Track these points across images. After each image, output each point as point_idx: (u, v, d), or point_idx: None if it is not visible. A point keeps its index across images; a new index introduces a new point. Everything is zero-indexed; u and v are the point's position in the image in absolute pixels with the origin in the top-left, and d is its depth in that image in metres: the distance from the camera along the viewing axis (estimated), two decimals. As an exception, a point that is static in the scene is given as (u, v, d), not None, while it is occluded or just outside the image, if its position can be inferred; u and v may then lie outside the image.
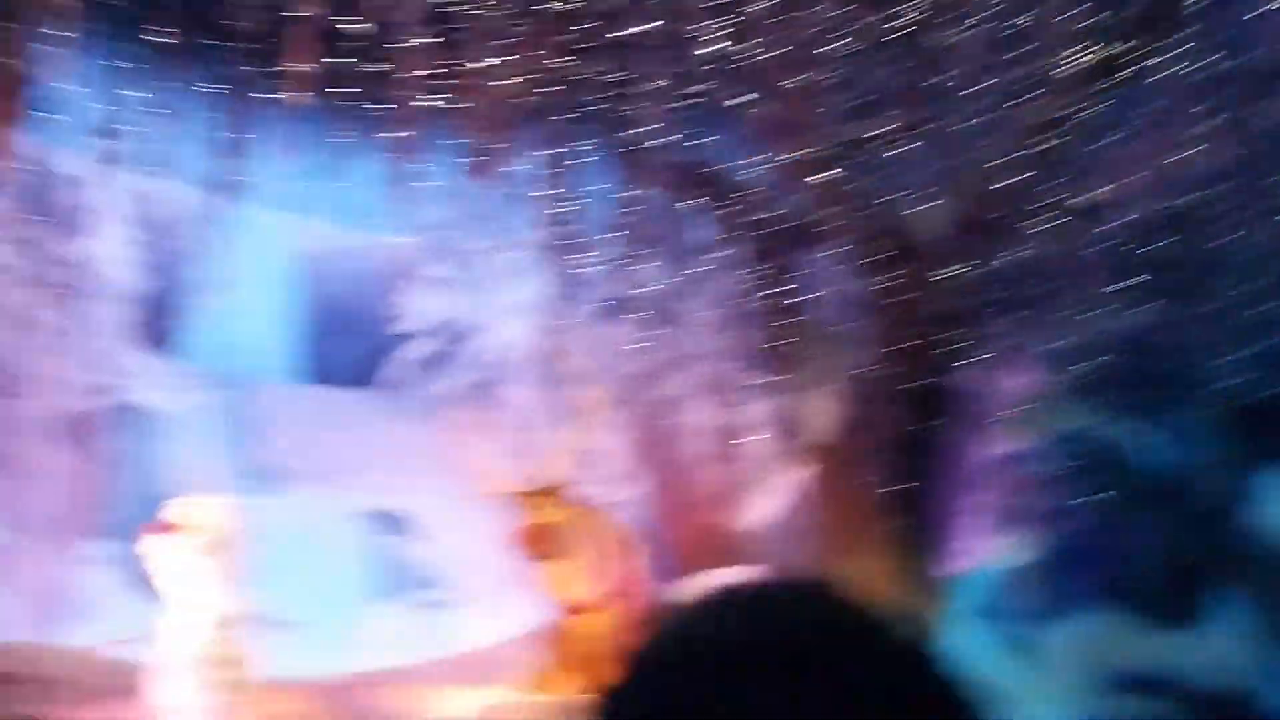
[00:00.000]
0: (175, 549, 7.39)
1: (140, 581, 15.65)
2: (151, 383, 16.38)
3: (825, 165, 10.42)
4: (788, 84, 8.43)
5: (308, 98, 6.16)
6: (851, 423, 13.04)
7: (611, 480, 18.52)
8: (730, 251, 13.02)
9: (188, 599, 7.30)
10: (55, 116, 11.15)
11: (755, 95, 8.23)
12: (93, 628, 14.16)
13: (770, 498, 14.96)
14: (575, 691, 9.17)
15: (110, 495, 14.76)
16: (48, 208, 15.96)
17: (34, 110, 8.90)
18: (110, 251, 16.42)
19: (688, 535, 15.84)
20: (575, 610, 9.83)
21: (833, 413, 13.18)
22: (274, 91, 9.07)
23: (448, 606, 17.28)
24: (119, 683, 9.19)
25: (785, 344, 12.90)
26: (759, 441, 15.51)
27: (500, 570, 17.21)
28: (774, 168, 10.56)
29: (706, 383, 17.10)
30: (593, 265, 19.83)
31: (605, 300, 19.44)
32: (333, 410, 17.73)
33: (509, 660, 11.88)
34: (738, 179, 12.04)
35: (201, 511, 7.69)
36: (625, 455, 18.74)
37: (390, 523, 17.59)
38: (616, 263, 17.87)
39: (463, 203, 13.44)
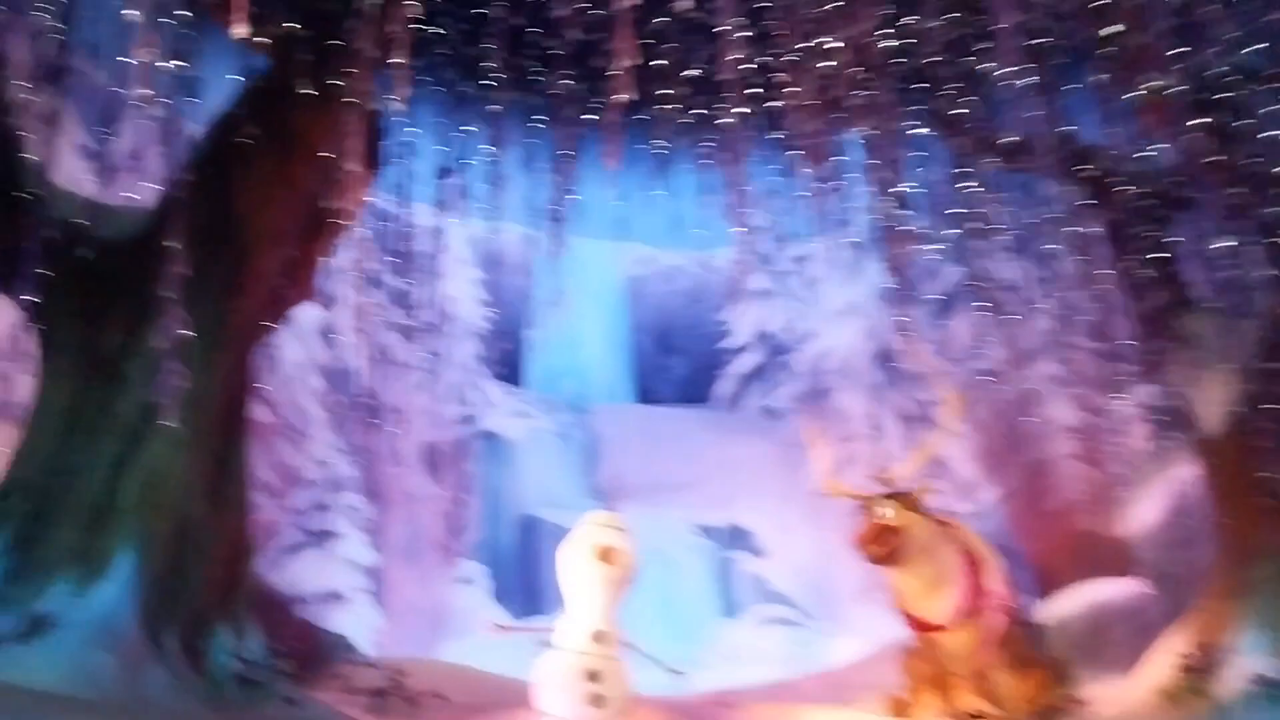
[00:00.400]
0: (587, 563, 7.35)
1: (502, 597, 16.65)
2: (503, 411, 17.41)
3: (1202, 109, 8.84)
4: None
5: (629, 95, 6.01)
6: (1247, 412, 10.90)
7: (963, 488, 17.24)
8: (1090, 225, 11.48)
9: (585, 612, 7.27)
10: (401, 161, 11.99)
11: (1121, 28, 6.91)
12: (463, 643, 15.09)
13: (1151, 500, 13.07)
14: (933, 714, 8.33)
15: (472, 518, 15.78)
16: (405, 252, 17.55)
17: (385, 156, 9.61)
18: (460, 290, 17.69)
19: (1053, 545, 14.23)
20: (927, 628, 8.93)
21: (1224, 401, 11.13)
22: (597, 107, 9.12)
23: (796, 624, 16.80)
24: (496, 697, 9.54)
25: (1162, 326, 11.14)
26: (1134, 438, 13.68)
27: (848, 586, 16.53)
28: (1139, 122, 9.09)
29: (1069, 375, 15.30)
30: (930, 254, 18.58)
31: (946, 292, 18.20)
32: (668, 428, 17.93)
33: (862, 680, 11.15)
34: (1094, 142, 10.58)
35: (609, 527, 7.65)
36: (978, 459, 17.33)
37: (732, 538, 17.44)
38: (956, 249, 16.44)
39: (788, 204, 12.90)
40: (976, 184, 11.58)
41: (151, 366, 6.26)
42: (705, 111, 9.47)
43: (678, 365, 18.83)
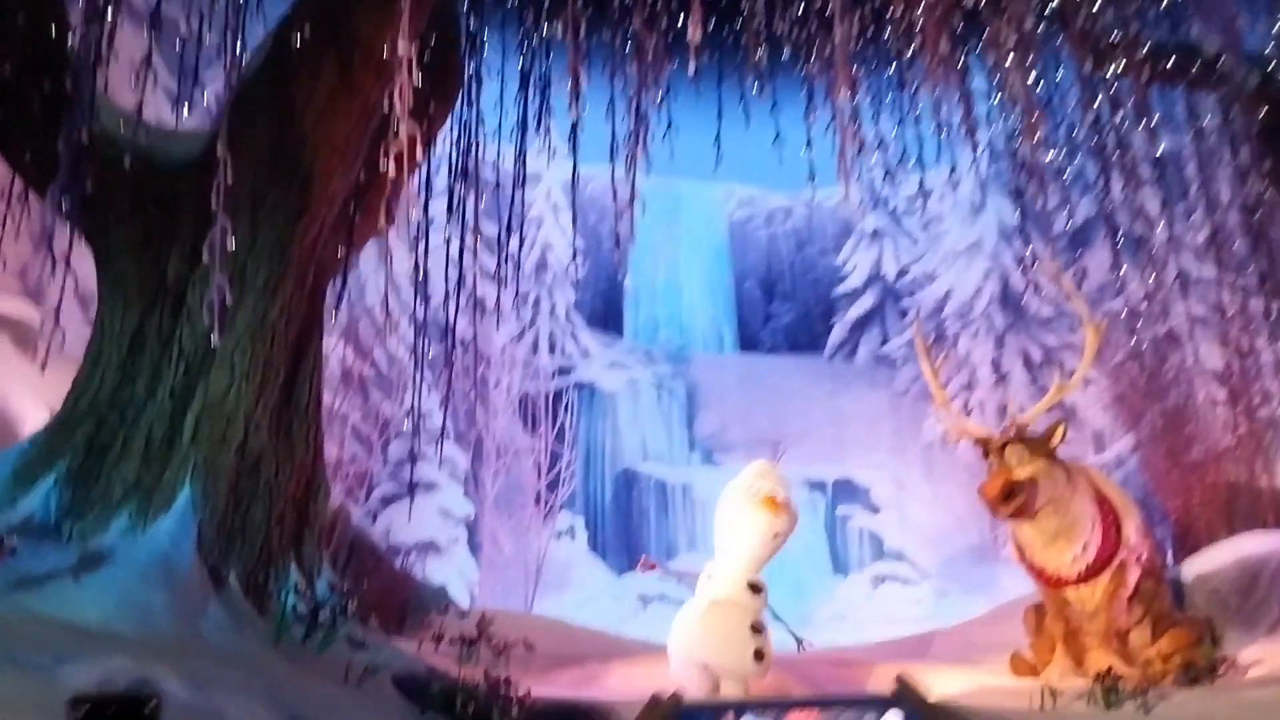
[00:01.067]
0: (751, 512, 6.86)
1: (600, 550, 16.26)
2: (599, 362, 16.93)
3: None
4: None
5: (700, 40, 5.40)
6: None
7: (1095, 437, 15.99)
8: (1241, 146, 10.17)
9: (741, 562, 6.81)
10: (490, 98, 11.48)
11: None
12: (562, 596, 14.76)
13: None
14: (1062, 673, 7.48)
15: (569, 470, 15.38)
16: (498, 195, 17.13)
17: (465, 77, 9.08)
18: (554, 237, 17.21)
19: (1195, 498, 12.92)
20: (1056, 582, 8.04)
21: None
22: (683, 49, 8.38)
23: (912, 581, 15.94)
24: (584, 649, 9.16)
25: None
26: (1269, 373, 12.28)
27: (967, 542, 15.55)
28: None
29: (1214, 314, 13.93)
30: (1059, 188, 17.28)
31: (1078, 226, 16.81)
32: (773, 378, 17.10)
33: (985, 639, 10.28)
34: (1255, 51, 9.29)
35: (775, 477, 7.13)
36: (1111, 407, 16.03)
37: (843, 493, 16.62)
38: (1091, 177, 15.13)
39: (906, 136, 11.92)
40: (1113, 103, 10.41)
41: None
42: (813, 31, 8.61)
43: (784, 312, 17.95)
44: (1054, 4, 9.36)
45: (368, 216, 8.47)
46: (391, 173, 6.54)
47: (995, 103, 11.14)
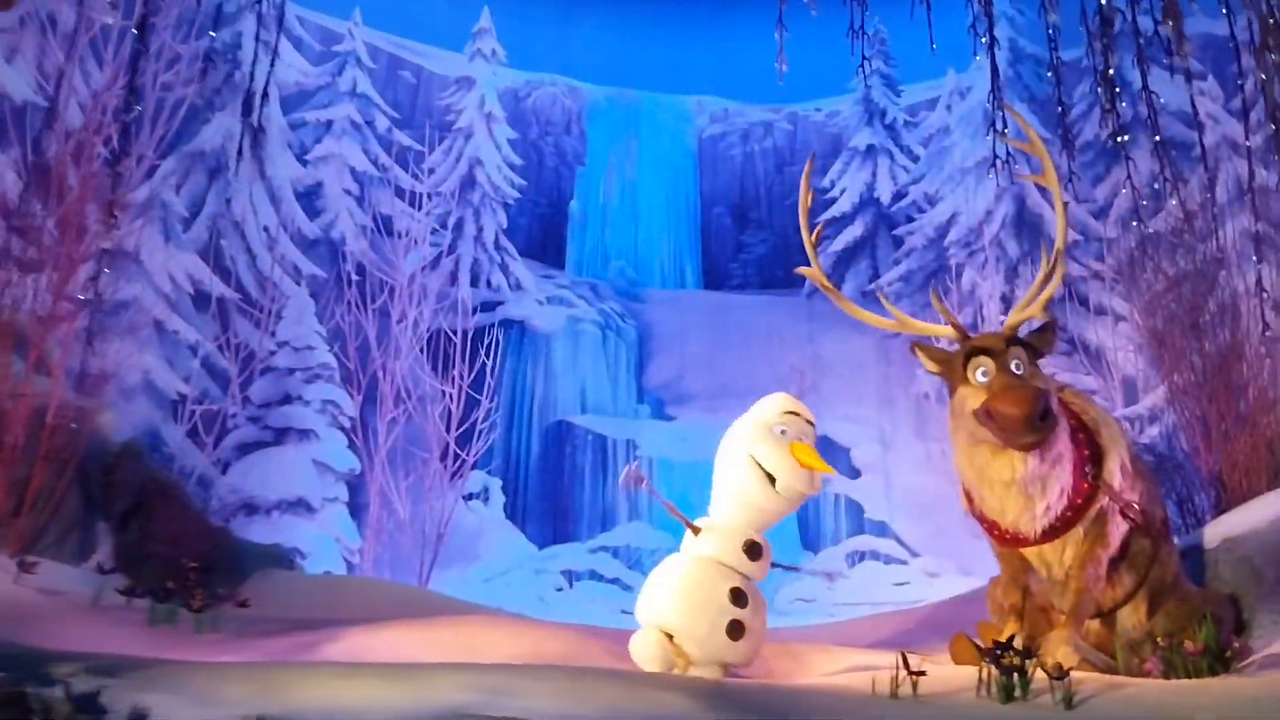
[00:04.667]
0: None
1: (519, 517, 14.18)
2: (534, 296, 14.78)
3: None
4: None
5: None
6: None
7: (1131, 382, 13.36)
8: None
9: (740, 517, 5.19)
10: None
11: None
12: (468, 570, 12.72)
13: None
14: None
15: (487, 422, 13.28)
16: (418, 103, 15.21)
17: None
18: (487, 152, 15.10)
19: (1243, 457, 10.38)
20: (1014, 540, 5.76)
21: None
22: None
23: (896, 559, 13.54)
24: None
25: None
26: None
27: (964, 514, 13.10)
28: None
29: (1268, 231, 11.66)
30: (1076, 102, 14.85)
31: (1097, 144, 14.32)
32: (742, 318, 14.70)
33: (954, 620, 8.10)
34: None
35: (798, 416, 5.48)
36: (1145, 349, 13.39)
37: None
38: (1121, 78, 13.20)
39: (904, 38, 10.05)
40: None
41: None
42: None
43: (758, 242, 15.59)
44: None
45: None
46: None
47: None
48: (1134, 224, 13.34)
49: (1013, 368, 5.25)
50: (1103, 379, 13.34)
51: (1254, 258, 12.07)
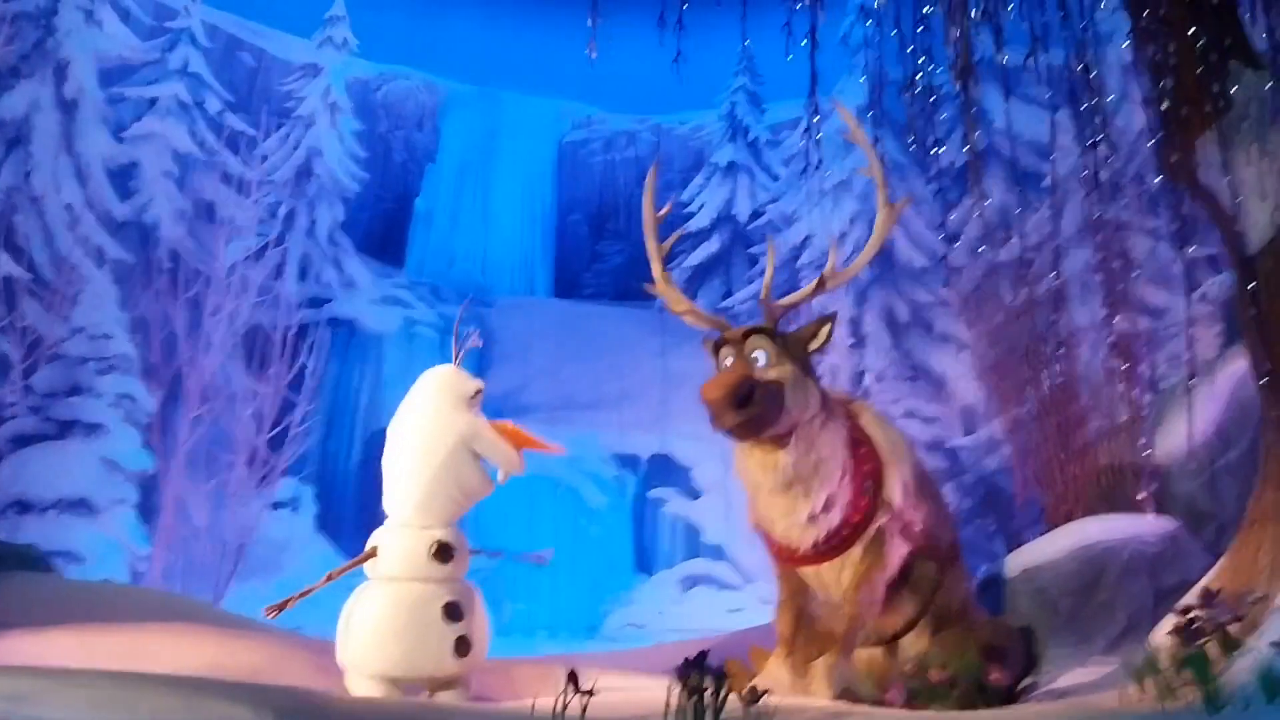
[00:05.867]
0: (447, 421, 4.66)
1: (331, 528, 13.27)
2: (367, 295, 13.89)
3: None
4: None
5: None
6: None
7: (964, 413, 13.06)
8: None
9: (418, 513, 4.40)
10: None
11: None
12: (270, 583, 11.71)
13: (1197, 411, 8.77)
14: (773, 684, 4.70)
15: (303, 426, 12.33)
16: (255, 86, 14.27)
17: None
18: (328, 143, 14.22)
19: (1075, 486, 10.13)
20: (788, 556, 5.22)
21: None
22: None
23: (730, 586, 12.98)
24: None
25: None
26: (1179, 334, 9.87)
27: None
28: None
29: (1119, 264, 11.53)
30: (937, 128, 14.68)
31: (953, 171, 14.14)
32: (591, 329, 14.07)
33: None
34: None
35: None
36: (990, 376, 13.28)
37: (658, 472, 13.62)
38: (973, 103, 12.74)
39: (773, 57, 9.58)
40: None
41: None
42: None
43: (615, 253, 15.05)
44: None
45: None
46: None
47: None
48: (979, 250, 13.19)
49: (754, 357, 4.82)
50: (944, 406, 13.03)
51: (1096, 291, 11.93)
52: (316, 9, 14.93)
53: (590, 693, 3.77)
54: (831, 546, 5.14)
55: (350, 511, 12.63)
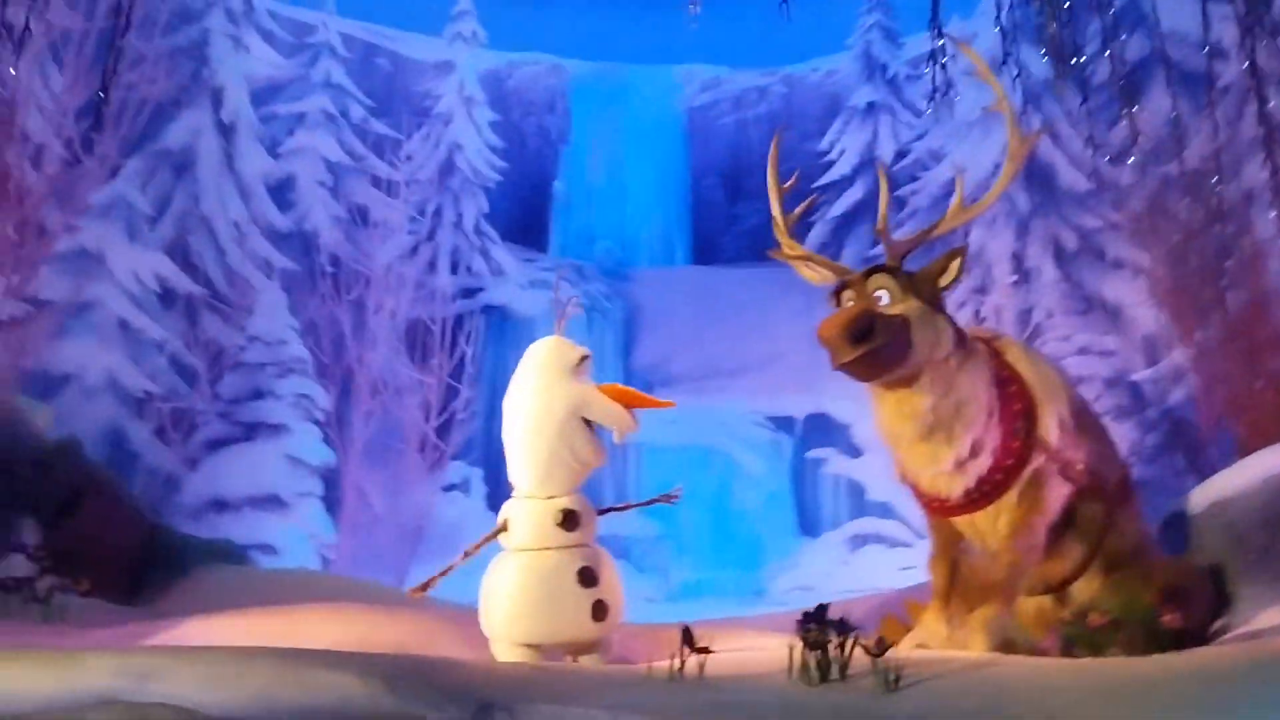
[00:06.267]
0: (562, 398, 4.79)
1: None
2: (515, 281, 14.22)
3: None
4: None
5: None
6: None
7: (1151, 342, 12.15)
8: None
9: (545, 481, 4.69)
10: None
11: None
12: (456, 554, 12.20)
13: None
14: (931, 640, 4.68)
15: (467, 412, 12.79)
16: (394, 90, 14.75)
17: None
18: (466, 136, 14.59)
19: (1242, 394, 9.37)
20: (937, 506, 5.02)
21: None
22: None
23: (901, 543, 12.62)
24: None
25: None
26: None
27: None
28: None
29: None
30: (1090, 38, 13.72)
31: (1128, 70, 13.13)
32: (733, 294, 13.94)
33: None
34: None
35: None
36: (1171, 301, 12.43)
37: (816, 432, 13.37)
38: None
39: None
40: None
41: None
42: None
43: (750, 213, 14.78)
44: None
45: None
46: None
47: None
48: (1148, 168, 12.21)
49: (876, 297, 4.60)
50: (1122, 337, 12.19)
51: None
52: (444, 6, 15.34)
53: (707, 650, 3.74)
54: (983, 493, 4.87)
55: (518, 491, 12.98)
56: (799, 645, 3.63)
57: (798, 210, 5.40)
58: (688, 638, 3.72)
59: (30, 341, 11.18)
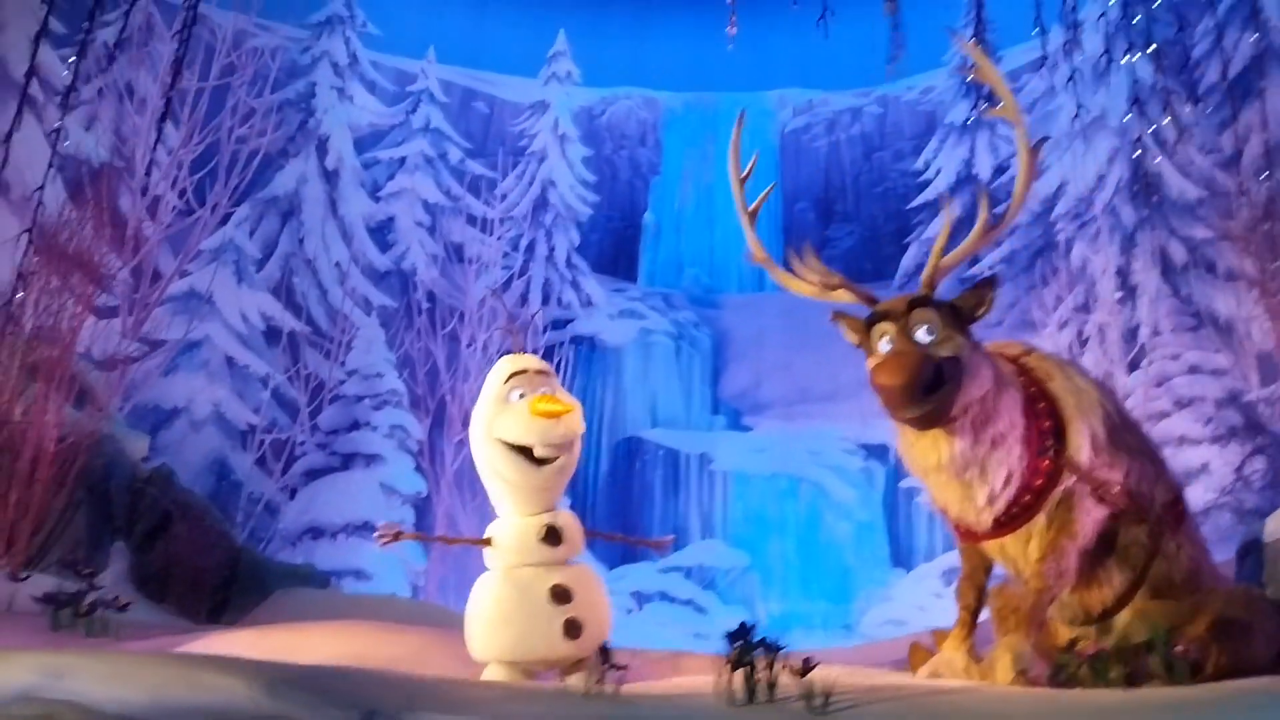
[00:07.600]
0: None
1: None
2: (605, 311, 14.29)
3: None
4: None
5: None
6: None
7: (1268, 359, 11.09)
8: None
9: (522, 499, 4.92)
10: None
11: None
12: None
13: None
14: (948, 666, 4.38)
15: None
16: (489, 131, 15.16)
17: None
18: (559, 173, 14.85)
19: None
20: (968, 533, 4.68)
21: None
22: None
23: (997, 574, 11.87)
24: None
25: None
26: None
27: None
28: None
29: None
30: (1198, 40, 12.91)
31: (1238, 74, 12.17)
32: (824, 319, 13.40)
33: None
34: None
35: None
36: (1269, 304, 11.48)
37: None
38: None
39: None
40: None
41: None
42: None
43: (844, 236, 14.38)
44: None
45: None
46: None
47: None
48: (1261, 173, 11.23)
49: (919, 334, 4.23)
50: (1235, 355, 11.22)
51: None
52: (539, 48, 15.74)
53: (623, 668, 3.59)
54: (1012, 517, 4.50)
55: (602, 518, 13.06)
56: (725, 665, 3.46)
57: (756, 202, 5.13)
58: (605, 655, 3.61)
59: (144, 378, 12.04)
